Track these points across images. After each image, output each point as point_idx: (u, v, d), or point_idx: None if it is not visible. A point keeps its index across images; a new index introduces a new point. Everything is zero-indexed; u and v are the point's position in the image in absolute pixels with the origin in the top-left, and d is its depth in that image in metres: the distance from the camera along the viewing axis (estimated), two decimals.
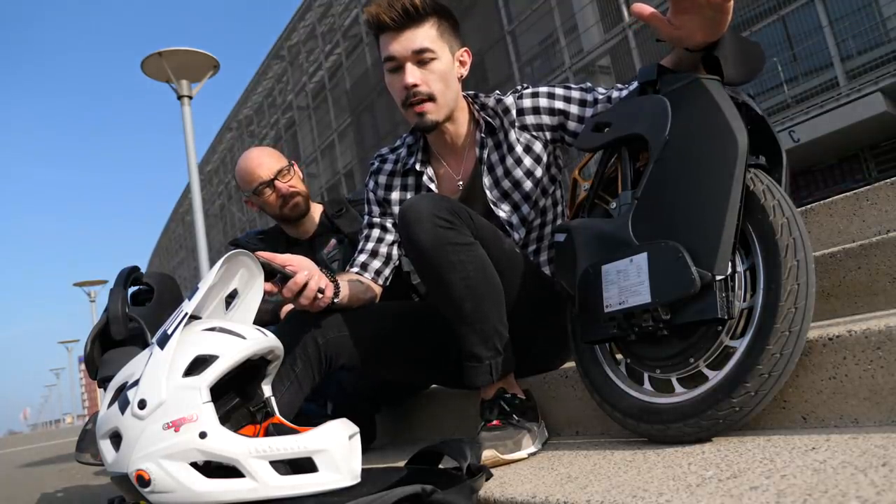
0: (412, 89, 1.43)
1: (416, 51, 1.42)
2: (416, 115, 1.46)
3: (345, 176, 25.75)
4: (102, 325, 1.63)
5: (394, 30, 1.42)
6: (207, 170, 36.57)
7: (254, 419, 1.22)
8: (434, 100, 1.45)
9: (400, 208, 1.36)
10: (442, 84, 1.45)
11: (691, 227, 1.08)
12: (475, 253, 1.33)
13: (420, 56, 1.42)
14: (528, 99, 1.52)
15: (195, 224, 6.89)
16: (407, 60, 1.42)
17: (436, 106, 1.46)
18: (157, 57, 6.57)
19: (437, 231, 1.29)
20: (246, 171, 2.04)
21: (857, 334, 0.95)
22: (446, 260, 1.30)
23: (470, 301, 1.32)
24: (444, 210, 1.31)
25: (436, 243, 1.29)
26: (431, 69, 1.44)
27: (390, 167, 1.66)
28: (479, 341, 1.33)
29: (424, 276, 1.37)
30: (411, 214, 1.31)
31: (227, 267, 1.20)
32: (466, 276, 1.31)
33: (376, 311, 1.56)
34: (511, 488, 1.02)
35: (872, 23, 11.50)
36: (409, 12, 1.41)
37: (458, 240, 1.31)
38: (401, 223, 1.34)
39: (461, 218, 1.33)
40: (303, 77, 28.17)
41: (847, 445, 0.84)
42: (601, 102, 1.45)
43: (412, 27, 1.42)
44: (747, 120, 1.12)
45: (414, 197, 1.39)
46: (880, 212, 1.73)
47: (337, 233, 2.08)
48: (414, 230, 1.30)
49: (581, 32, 16.33)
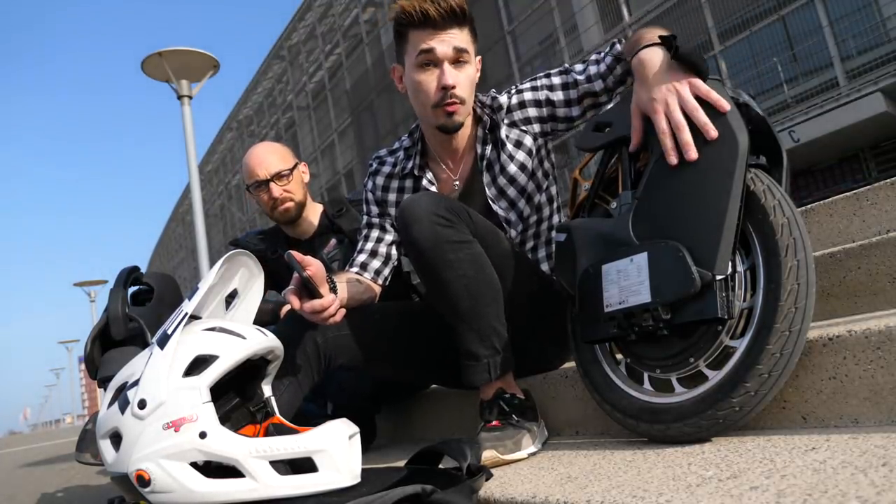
0: (450, 90, 1.43)
1: (458, 49, 1.42)
2: (445, 115, 1.46)
3: (345, 176, 25.74)
4: (102, 325, 1.63)
5: (437, 26, 1.41)
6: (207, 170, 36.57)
7: (254, 419, 1.22)
8: (464, 103, 1.46)
9: (398, 206, 1.36)
10: (470, 88, 1.47)
11: (691, 226, 1.08)
12: (473, 251, 1.33)
13: (459, 56, 1.43)
14: (515, 96, 1.53)
15: (195, 224, 6.89)
16: (446, 59, 1.42)
17: (464, 109, 1.47)
18: (157, 57, 6.56)
19: (435, 229, 1.29)
20: (247, 164, 2.05)
21: (857, 334, 0.95)
22: (444, 258, 1.30)
23: (467, 299, 1.32)
24: (443, 208, 1.32)
25: (434, 241, 1.29)
26: (465, 72, 1.45)
27: (388, 169, 1.65)
28: (476, 340, 1.33)
29: (422, 274, 1.37)
30: (410, 212, 1.31)
31: (228, 267, 1.20)
32: (464, 275, 1.31)
33: (376, 311, 1.55)
34: (511, 488, 1.01)
35: (872, 23, 11.49)
36: (455, 12, 1.40)
37: (457, 238, 1.31)
38: (399, 221, 1.34)
39: (460, 216, 1.34)
40: (303, 77, 28.17)
41: (847, 445, 0.84)
42: (581, 83, 1.46)
43: (456, 27, 1.42)
44: (747, 120, 1.12)
45: (412, 195, 1.39)
46: (880, 212, 1.73)
47: (337, 233, 2.08)
48: (412, 228, 1.30)
49: (581, 32, 16.31)
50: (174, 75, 6.69)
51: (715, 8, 13.39)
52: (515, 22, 18.14)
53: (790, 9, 12.38)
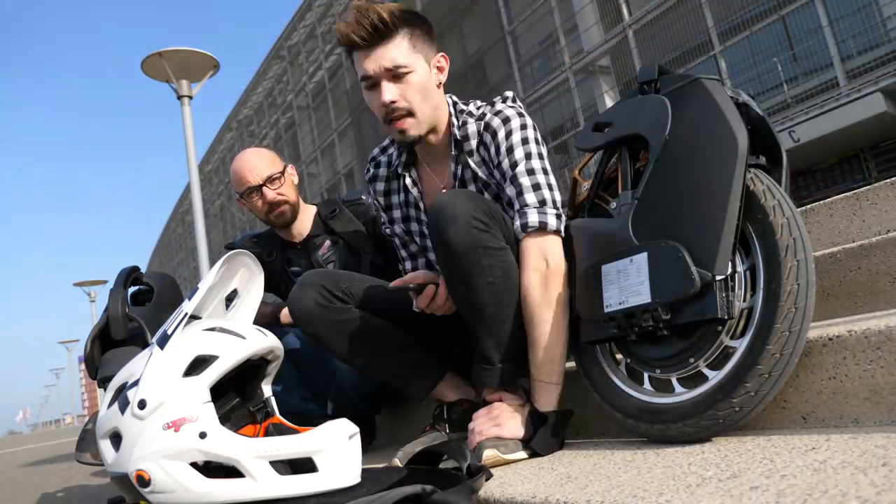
0: (390, 105, 1.38)
1: (388, 68, 1.37)
2: (396, 131, 1.42)
3: (345, 176, 25.73)
4: (102, 325, 1.63)
5: (365, 48, 1.38)
6: (207, 170, 36.55)
7: (254, 419, 1.22)
8: (413, 114, 1.41)
9: (434, 203, 1.31)
10: (420, 96, 1.40)
11: (691, 227, 1.08)
12: (505, 258, 1.31)
13: (394, 71, 1.38)
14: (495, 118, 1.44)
15: (195, 224, 6.89)
16: (382, 77, 1.38)
17: (416, 121, 1.41)
18: (157, 57, 6.56)
19: (472, 233, 1.27)
20: (236, 173, 2.02)
21: (857, 334, 0.95)
22: (477, 263, 1.28)
23: (493, 306, 1.31)
24: (481, 211, 1.29)
25: (469, 245, 1.27)
26: (408, 82, 1.39)
27: (384, 171, 1.63)
28: (494, 346, 1.33)
29: (451, 276, 1.34)
30: (447, 212, 1.28)
31: (228, 267, 1.20)
32: (493, 282, 1.29)
33: None
34: (511, 488, 1.01)
35: (872, 23, 11.48)
36: (377, 28, 1.36)
37: (492, 244, 1.29)
38: (434, 220, 1.30)
39: (496, 219, 1.31)
40: (303, 77, 28.15)
41: (847, 445, 0.84)
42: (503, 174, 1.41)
43: (383, 43, 1.37)
44: (747, 120, 1.12)
45: (449, 192, 1.35)
46: (880, 212, 1.73)
47: (331, 234, 2.07)
48: (449, 230, 1.27)
49: (581, 32, 16.30)
50: (174, 75, 6.69)
51: (715, 8, 13.38)
52: (515, 22, 18.12)
53: (790, 9, 12.37)
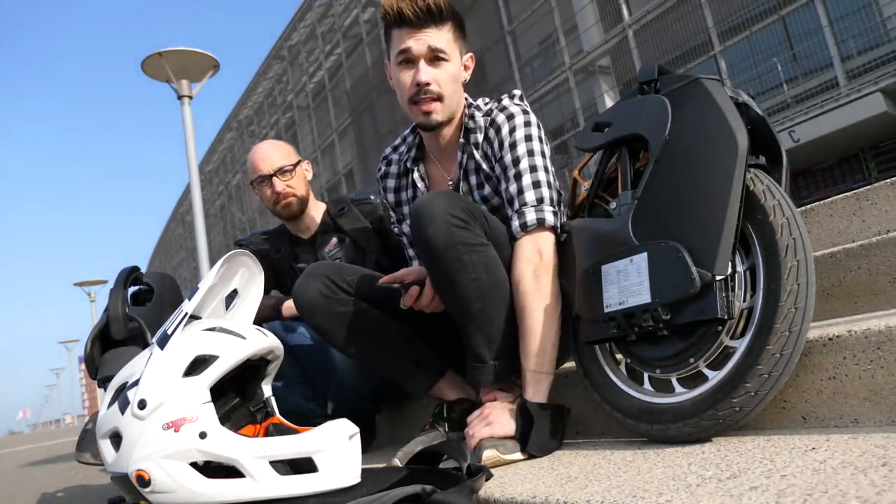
0: (424, 87, 1.43)
1: (432, 49, 1.42)
2: (422, 113, 1.46)
3: (345, 176, 25.73)
4: (102, 325, 1.63)
5: (413, 25, 1.42)
6: (207, 170, 36.54)
7: (254, 419, 1.22)
8: (441, 100, 1.45)
9: (413, 205, 1.35)
10: (451, 86, 1.46)
11: (691, 227, 1.08)
12: (487, 254, 1.32)
13: (436, 55, 1.43)
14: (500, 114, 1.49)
15: (195, 224, 6.89)
16: (422, 57, 1.43)
17: (442, 106, 1.46)
18: (157, 57, 6.56)
19: (451, 230, 1.28)
20: (251, 161, 2.09)
21: (857, 334, 0.95)
22: (458, 260, 1.29)
23: (478, 302, 1.32)
24: (459, 209, 1.31)
25: (449, 243, 1.29)
26: (444, 70, 1.44)
27: (395, 169, 1.66)
28: (484, 343, 1.34)
29: (435, 275, 1.36)
30: (426, 211, 1.30)
31: (228, 267, 1.20)
32: (477, 278, 1.30)
33: None
34: (511, 488, 1.01)
35: (872, 23, 11.47)
36: (431, 11, 1.41)
37: (472, 240, 1.30)
38: (414, 220, 1.33)
39: (476, 217, 1.33)
40: (303, 77, 28.14)
41: (847, 445, 0.84)
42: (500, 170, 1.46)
43: (433, 26, 1.42)
44: (747, 120, 1.12)
45: (429, 194, 1.38)
46: (880, 212, 1.72)
47: (338, 232, 2.09)
48: (428, 228, 1.29)
49: (581, 32, 16.29)
50: (174, 75, 6.70)
51: (715, 8, 13.38)
52: (515, 22, 18.12)
53: (790, 9, 12.37)
